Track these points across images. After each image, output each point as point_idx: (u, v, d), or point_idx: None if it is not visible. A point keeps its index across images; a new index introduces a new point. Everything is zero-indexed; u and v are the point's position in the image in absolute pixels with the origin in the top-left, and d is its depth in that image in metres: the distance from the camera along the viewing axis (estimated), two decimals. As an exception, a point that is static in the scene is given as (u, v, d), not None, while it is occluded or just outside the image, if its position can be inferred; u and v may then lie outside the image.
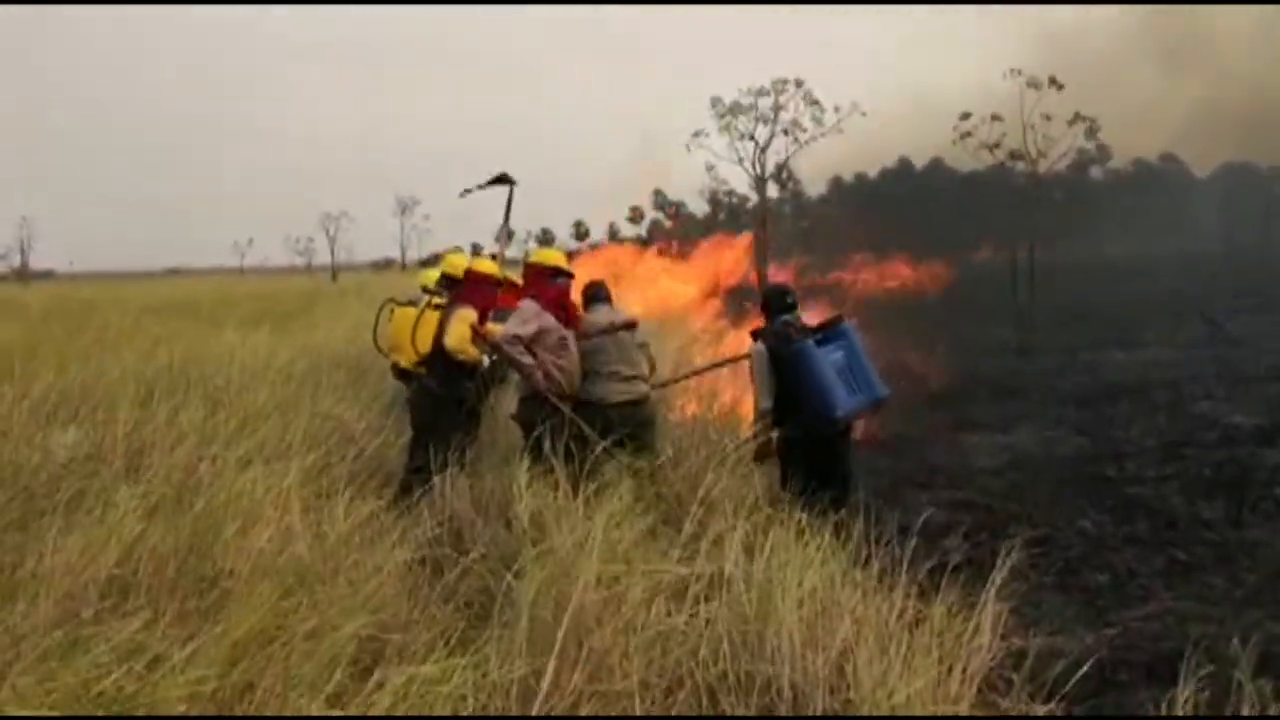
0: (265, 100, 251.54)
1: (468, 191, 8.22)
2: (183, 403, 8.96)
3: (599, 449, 6.24)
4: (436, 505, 6.13)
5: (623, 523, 4.99)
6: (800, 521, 5.34)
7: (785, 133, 34.80)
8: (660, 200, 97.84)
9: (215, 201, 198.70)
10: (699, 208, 75.54)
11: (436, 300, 7.88)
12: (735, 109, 35.03)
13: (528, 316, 6.78)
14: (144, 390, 9.82)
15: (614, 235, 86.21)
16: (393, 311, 8.49)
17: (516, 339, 6.66)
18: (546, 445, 6.27)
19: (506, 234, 8.74)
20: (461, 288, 7.69)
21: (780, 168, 37.27)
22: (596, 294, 7.25)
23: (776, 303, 6.64)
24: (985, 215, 26.69)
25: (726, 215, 69.30)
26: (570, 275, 7.23)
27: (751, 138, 35.31)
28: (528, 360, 6.65)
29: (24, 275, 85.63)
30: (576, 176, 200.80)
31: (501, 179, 8.34)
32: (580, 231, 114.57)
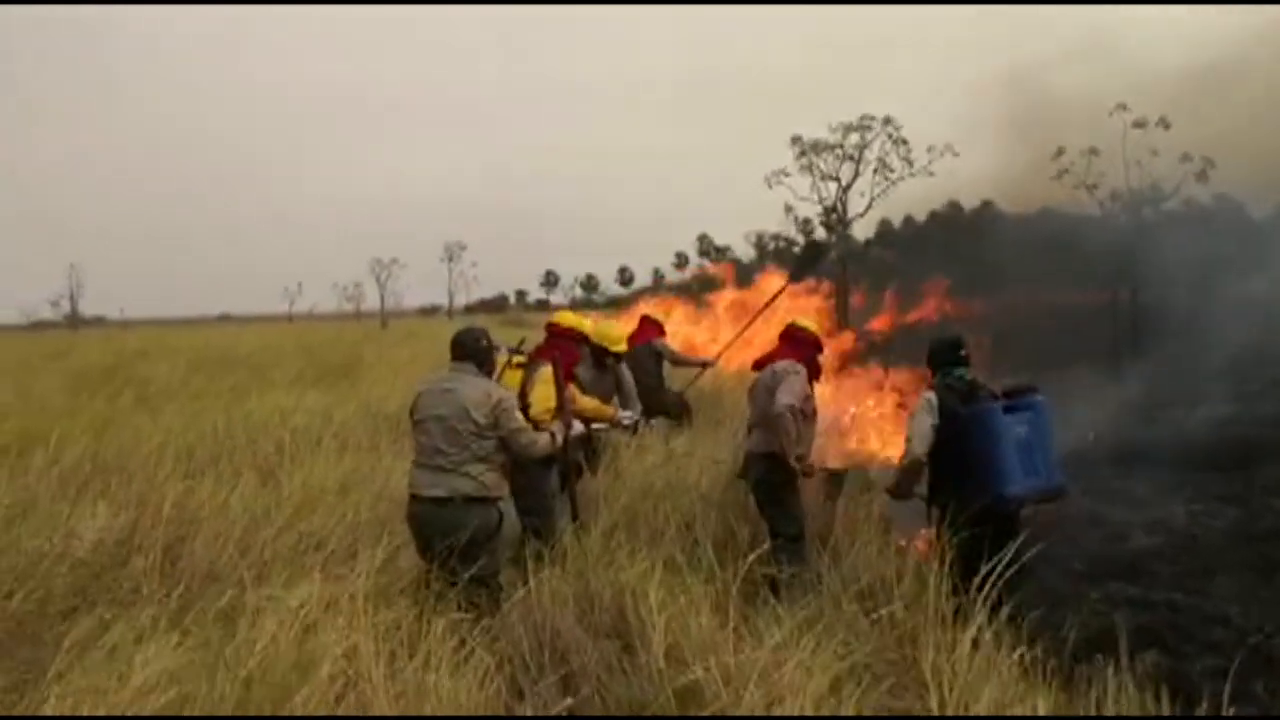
0: (312, 148, 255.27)
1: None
2: (229, 473, 8.08)
3: None
4: (532, 616, 4.99)
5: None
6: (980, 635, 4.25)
7: (875, 171, 33.00)
8: (706, 245, 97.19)
9: (264, 247, 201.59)
10: (745, 253, 74.68)
11: (518, 359, 6.80)
12: (817, 147, 33.21)
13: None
14: (187, 458, 8.96)
15: (659, 280, 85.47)
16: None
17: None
18: None
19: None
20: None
21: (865, 209, 34.96)
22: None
23: (945, 356, 5.61)
24: (1066, 258, 25.34)
25: (773, 260, 68.21)
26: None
27: (835, 178, 33.57)
28: None
29: (74, 322, 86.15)
30: (623, 218, 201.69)
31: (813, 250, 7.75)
32: (625, 278, 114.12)
